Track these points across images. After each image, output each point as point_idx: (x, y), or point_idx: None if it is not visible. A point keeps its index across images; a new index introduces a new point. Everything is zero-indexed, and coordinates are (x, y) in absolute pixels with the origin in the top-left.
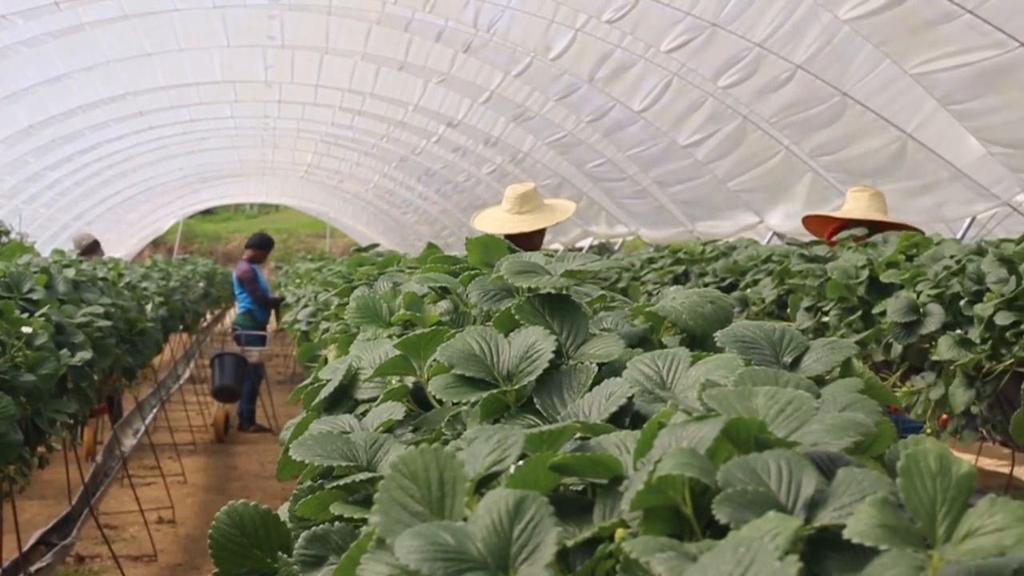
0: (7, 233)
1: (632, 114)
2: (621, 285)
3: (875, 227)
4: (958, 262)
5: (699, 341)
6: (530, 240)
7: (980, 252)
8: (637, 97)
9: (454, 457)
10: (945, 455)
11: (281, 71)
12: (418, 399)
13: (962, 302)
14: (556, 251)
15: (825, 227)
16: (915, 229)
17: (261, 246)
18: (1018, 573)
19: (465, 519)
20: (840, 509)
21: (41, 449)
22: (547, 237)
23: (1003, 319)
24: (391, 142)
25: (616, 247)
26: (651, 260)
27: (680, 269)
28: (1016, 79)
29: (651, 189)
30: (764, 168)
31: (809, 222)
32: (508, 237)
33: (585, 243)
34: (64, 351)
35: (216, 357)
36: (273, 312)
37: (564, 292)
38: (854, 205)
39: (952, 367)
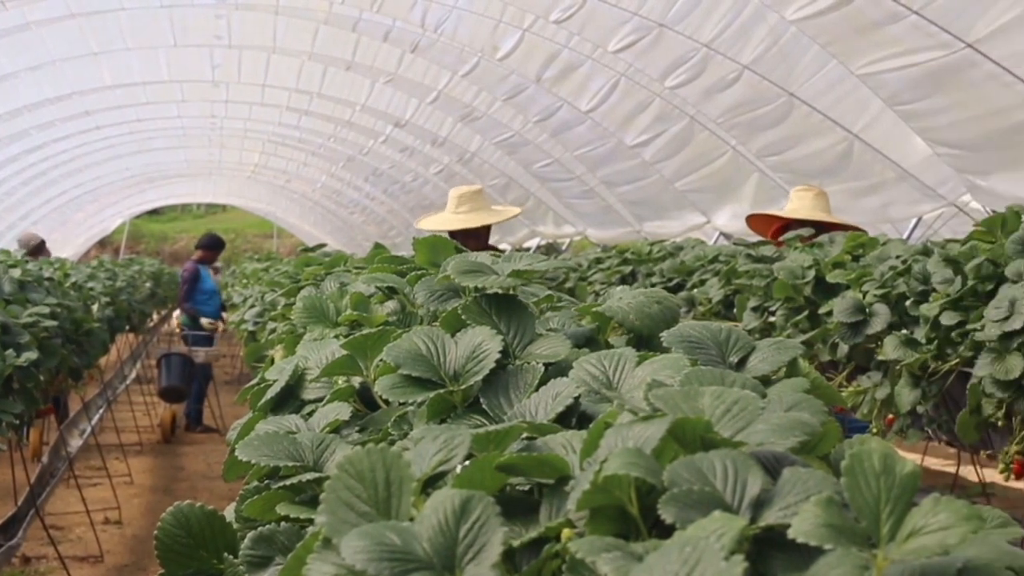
0: None
1: (579, 114)
2: (568, 285)
3: (819, 227)
4: (904, 262)
5: (646, 341)
6: (475, 239)
7: (926, 252)
8: (584, 97)
9: (400, 457)
10: (889, 455)
11: (228, 71)
12: (365, 399)
13: (908, 302)
14: (503, 251)
15: (769, 226)
16: (859, 229)
17: (211, 247)
18: (962, 572)
19: (412, 519)
20: (785, 509)
21: None
22: (495, 238)
23: (949, 319)
24: (338, 142)
25: (564, 247)
26: (598, 260)
27: (627, 269)
28: (962, 80)
29: (598, 189)
30: (711, 168)
31: (752, 221)
32: (453, 236)
33: (532, 243)
34: (10, 351)
35: (163, 357)
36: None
37: (511, 292)
38: (798, 204)
39: (898, 367)
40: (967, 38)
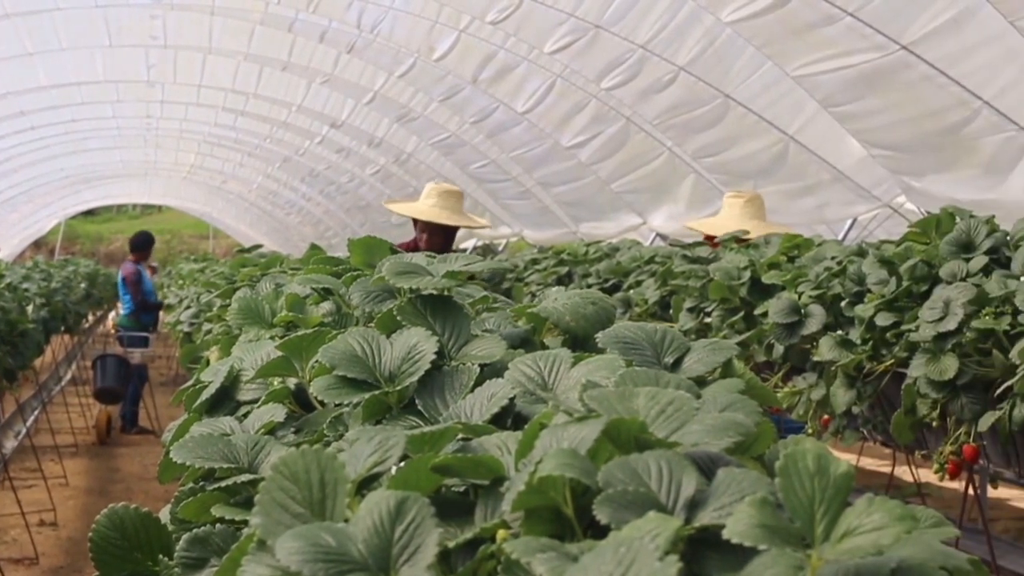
0: None
1: (516, 115)
2: (505, 286)
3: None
4: (839, 263)
5: (581, 342)
6: (442, 238)
7: (861, 253)
8: (521, 98)
9: (335, 458)
10: (823, 455)
11: (164, 71)
12: (300, 400)
13: (843, 303)
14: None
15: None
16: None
17: (143, 245)
18: (896, 572)
19: (347, 520)
20: (720, 509)
21: None
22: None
23: (883, 320)
24: (274, 143)
25: (500, 248)
26: (535, 261)
27: (563, 270)
28: (896, 81)
29: (535, 190)
30: (647, 169)
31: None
32: (423, 228)
33: (469, 244)
34: None
35: (98, 359)
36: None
37: (446, 293)
38: (728, 212)
39: (833, 368)
40: (902, 40)
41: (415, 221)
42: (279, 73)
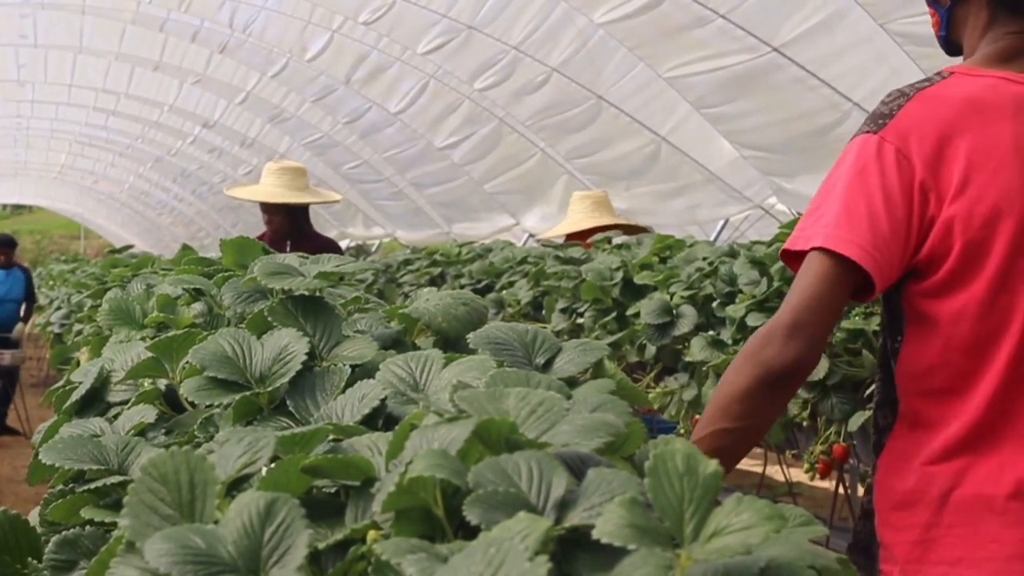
0: None
1: (389, 116)
2: (378, 287)
3: (601, 229)
4: (711, 264)
5: (453, 343)
6: (292, 220)
7: (732, 254)
8: (394, 99)
9: (204, 459)
10: (692, 455)
11: (34, 70)
12: (171, 402)
13: (715, 303)
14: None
15: (580, 237)
16: (642, 228)
17: (9, 245)
18: (765, 571)
19: (216, 522)
20: (590, 509)
21: None
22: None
23: (755, 320)
24: (146, 143)
25: (373, 249)
26: (407, 262)
27: (436, 271)
28: (767, 83)
29: (408, 191)
30: (520, 170)
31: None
32: (268, 211)
33: (342, 245)
34: None
35: None
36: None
37: (318, 294)
38: (578, 211)
39: (705, 368)
40: (773, 42)
41: (261, 206)
42: (151, 73)
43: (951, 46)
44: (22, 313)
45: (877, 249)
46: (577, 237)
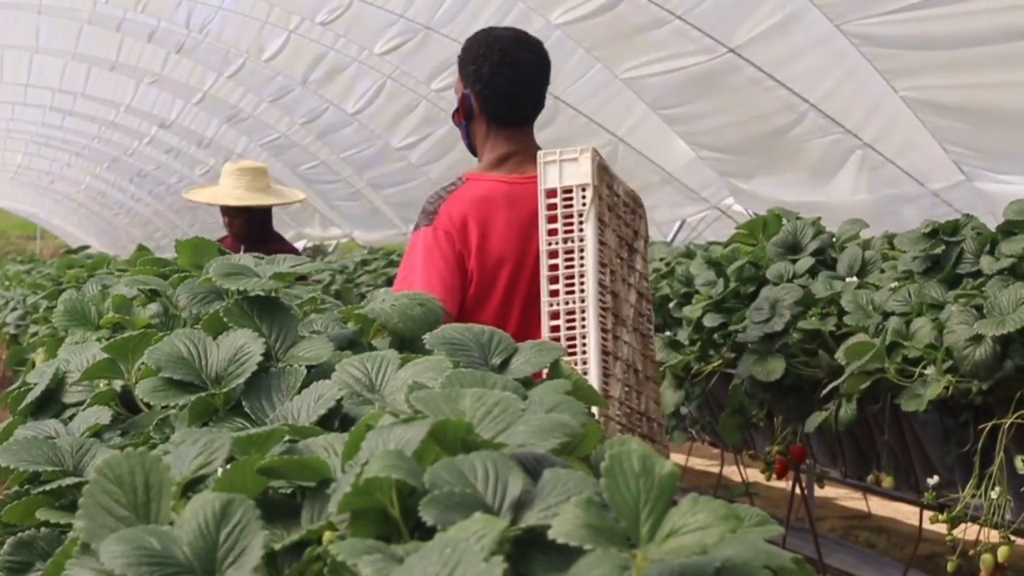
0: None
1: (346, 116)
2: (335, 288)
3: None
4: (668, 264)
5: (409, 343)
6: (254, 222)
7: (689, 255)
8: (351, 99)
9: (160, 460)
10: (648, 456)
11: None
12: (127, 403)
13: (671, 304)
14: (299, 250)
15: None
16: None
17: None
18: (721, 571)
19: (172, 523)
20: (546, 510)
21: None
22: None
23: (711, 321)
24: (103, 143)
25: (330, 249)
26: (365, 263)
27: (393, 271)
28: (724, 84)
29: (365, 191)
30: None
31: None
32: (228, 214)
33: (299, 245)
34: None
35: None
36: None
37: (274, 295)
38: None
39: (662, 368)
40: (729, 43)
41: (221, 209)
42: (107, 73)
43: (474, 151)
44: None
45: (448, 293)
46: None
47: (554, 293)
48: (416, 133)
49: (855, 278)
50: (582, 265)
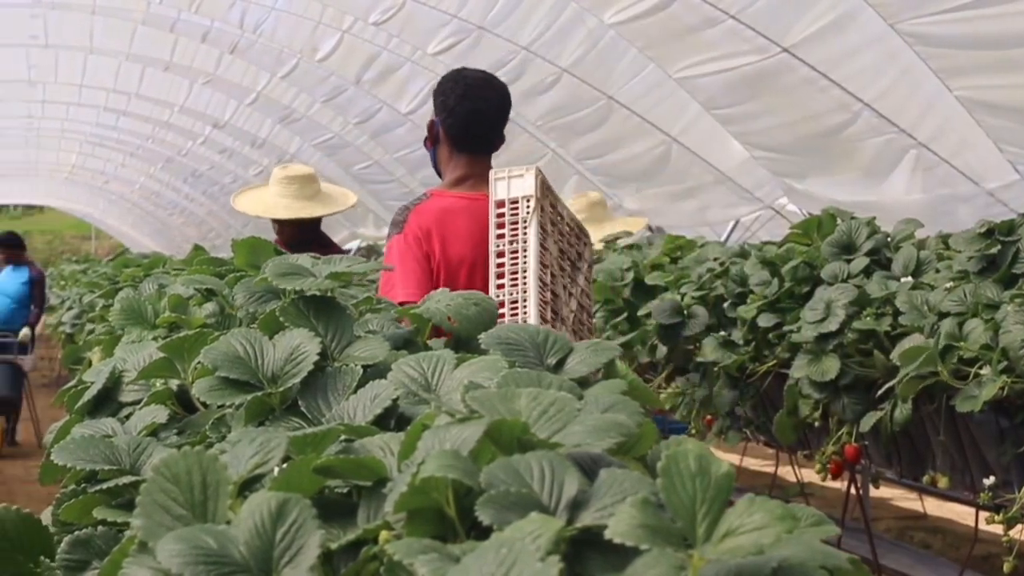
0: None
1: (399, 116)
2: None
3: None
4: (722, 264)
5: (464, 343)
6: (303, 228)
7: (743, 255)
8: (404, 99)
9: (217, 460)
10: (704, 456)
11: (45, 71)
12: (183, 402)
13: (726, 304)
14: (347, 250)
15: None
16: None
17: (10, 244)
18: (777, 571)
19: (228, 522)
20: (602, 510)
21: None
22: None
23: (765, 321)
24: (157, 143)
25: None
26: None
27: None
28: (777, 84)
29: (418, 191)
30: None
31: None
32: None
33: (353, 245)
34: None
35: None
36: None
37: (329, 294)
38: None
39: (716, 368)
40: (783, 43)
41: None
42: (161, 73)
43: (439, 172)
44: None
45: (421, 288)
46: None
47: (501, 287)
48: None
49: (910, 278)
50: (525, 261)
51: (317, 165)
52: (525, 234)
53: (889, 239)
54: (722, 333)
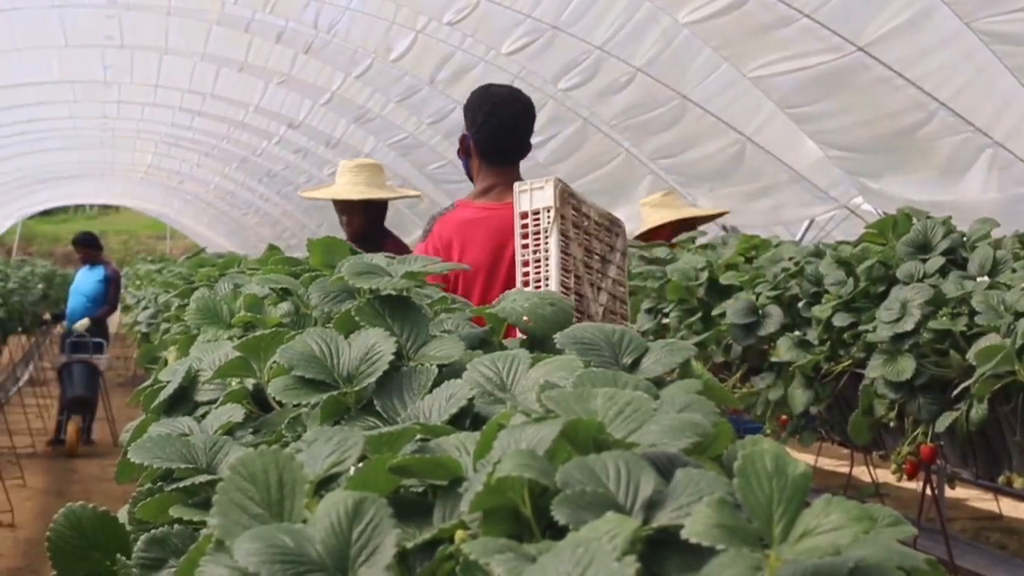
0: None
1: None
2: None
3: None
4: (796, 264)
5: (539, 343)
6: (366, 217)
7: (818, 254)
8: None
9: (293, 459)
10: (781, 456)
11: (120, 71)
12: (259, 401)
13: (800, 304)
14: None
15: (660, 233)
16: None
17: (87, 244)
18: (854, 572)
19: (305, 521)
20: (678, 510)
21: None
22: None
23: (841, 320)
24: (231, 143)
25: None
26: None
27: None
28: (852, 83)
29: None
30: (605, 170)
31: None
32: (342, 210)
33: None
34: None
35: (66, 366)
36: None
37: (405, 294)
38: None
39: (791, 368)
40: (858, 41)
41: (337, 207)
42: (236, 73)
43: (472, 181)
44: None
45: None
46: (671, 234)
47: None
48: (543, 132)
49: (986, 278)
50: (547, 268)
51: (391, 165)
52: (547, 243)
53: (965, 238)
54: (797, 333)
